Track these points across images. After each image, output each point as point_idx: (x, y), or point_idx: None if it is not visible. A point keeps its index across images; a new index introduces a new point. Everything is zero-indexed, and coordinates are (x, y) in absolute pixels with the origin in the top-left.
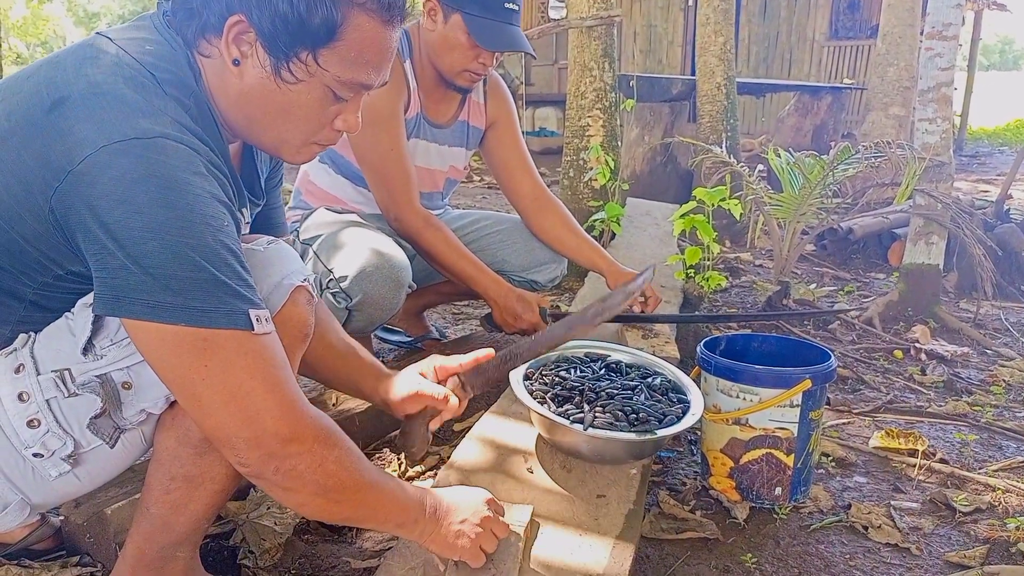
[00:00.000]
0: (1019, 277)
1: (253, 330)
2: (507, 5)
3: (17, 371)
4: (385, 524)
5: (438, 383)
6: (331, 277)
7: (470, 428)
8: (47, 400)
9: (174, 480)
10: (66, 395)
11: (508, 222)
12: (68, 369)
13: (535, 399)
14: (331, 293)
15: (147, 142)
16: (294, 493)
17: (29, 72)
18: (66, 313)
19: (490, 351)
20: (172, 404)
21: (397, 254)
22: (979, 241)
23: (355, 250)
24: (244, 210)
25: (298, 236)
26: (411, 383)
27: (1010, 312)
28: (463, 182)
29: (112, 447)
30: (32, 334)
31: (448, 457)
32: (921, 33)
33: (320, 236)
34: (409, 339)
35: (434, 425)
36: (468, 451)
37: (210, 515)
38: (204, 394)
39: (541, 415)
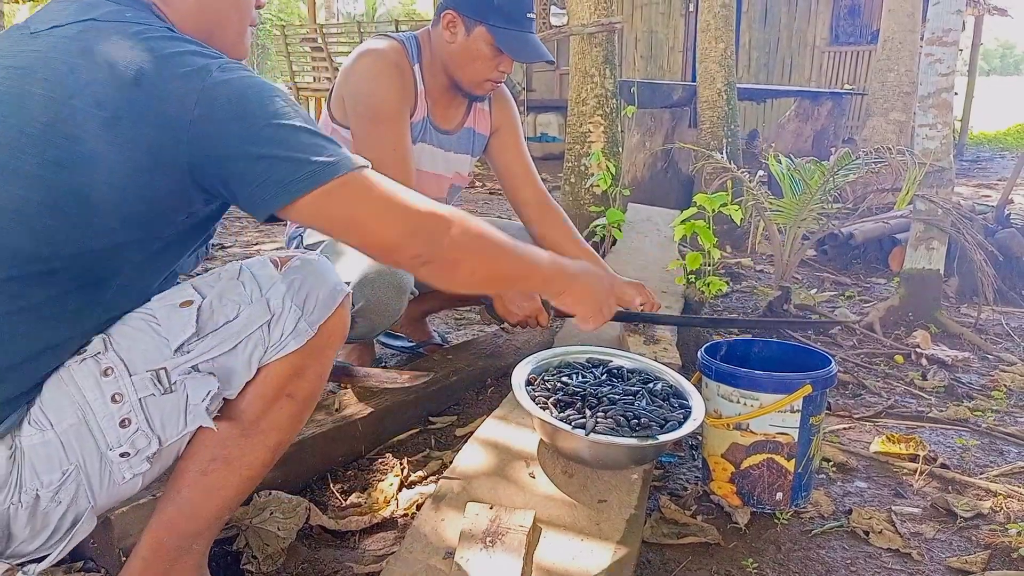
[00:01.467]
0: (1020, 282)
1: (366, 166)
2: (528, 15)
3: (106, 374)
4: (532, 280)
5: None
6: None
7: (472, 433)
8: (140, 399)
9: (215, 461)
10: (162, 392)
11: (513, 229)
12: (164, 368)
13: (537, 404)
14: None
15: (221, 67)
16: (464, 263)
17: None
18: (142, 316)
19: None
20: None
21: None
22: (980, 246)
23: (357, 256)
24: None
25: (301, 242)
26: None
27: (1011, 317)
28: (466, 188)
29: (214, 426)
30: (106, 338)
31: (450, 462)
32: (921, 38)
33: (322, 242)
34: (411, 344)
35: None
36: (470, 456)
37: (235, 504)
38: (368, 220)
39: (543, 420)
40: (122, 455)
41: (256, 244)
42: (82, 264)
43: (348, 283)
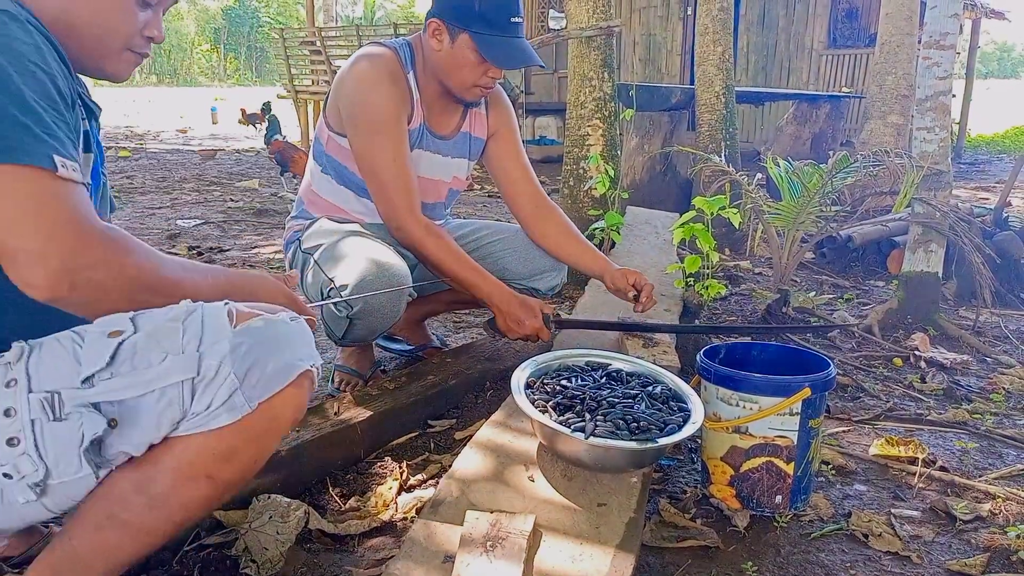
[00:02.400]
0: (1018, 285)
1: (56, 171)
2: (512, 20)
3: (8, 385)
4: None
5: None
6: (332, 286)
7: (471, 436)
8: (32, 419)
9: (111, 520)
10: (50, 419)
11: (508, 231)
12: (59, 392)
13: (536, 408)
14: (332, 304)
15: None
16: (101, 304)
17: None
18: (72, 335)
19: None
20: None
21: (397, 263)
22: (977, 249)
23: (356, 259)
24: (93, 121)
25: (300, 245)
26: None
27: (1009, 320)
28: (464, 191)
29: (96, 479)
30: (25, 348)
31: (449, 466)
32: (919, 42)
33: (321, 245)
34: (410, 348)
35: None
36: (469, 460)
37: (126, 567)
38: (8, 207)
39: (542, 424)
40: (4, 475)
41: (254, 247)
42: None
43: (346, 286)
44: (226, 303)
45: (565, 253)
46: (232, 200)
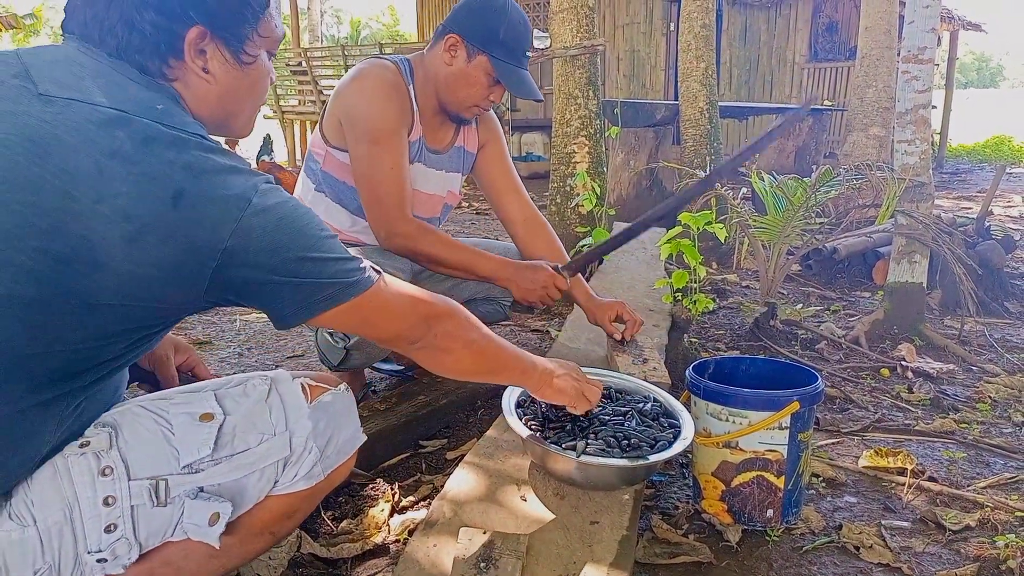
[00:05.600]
0: (1002, 293)
1: (379, 279)
2: (527, 53)
3: (104, 473)
4: (513, 372)
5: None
6: None
7: (463, 456)
8: (133, 506)
9: (167, 567)
10: (154, 504)
11: (498, 248)
12: (166, 479)
13: (527, 427)
14: (327, 332)
15: (260, 195)
16: (451, 352)
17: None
18: (154, 419)
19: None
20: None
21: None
22: (959, 260)
23: None
24: None
25: None
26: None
27: (994, 328)
28: (454, 207)
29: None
30: (113, 431)
31: (441, 486)
32: (898, 55)
33: None
34: (401, 367)
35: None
36: (461, 480)
37: None
38: (379, 324)
39: (534, 443)
40: (99, 560)
41: None
42: (64, 357)
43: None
44: (294, 378)
45: None
46: None
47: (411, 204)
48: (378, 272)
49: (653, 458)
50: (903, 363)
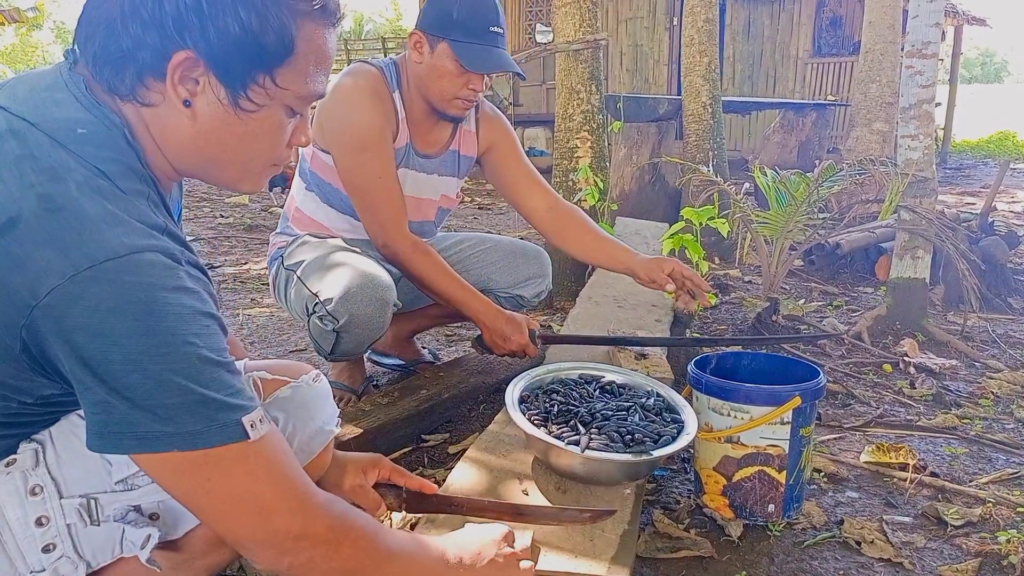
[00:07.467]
0: (1005, 289)
1: (249, 439)
2: (491, 29)
3: (33, 492)
4: None
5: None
6: (316, 301)
7: (465, 451)
8: (68, 524)
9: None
10: (87, 524)
11: (491, 241)
12: (96, 498)
13: (530, 421)
14: (317, 317)
15: (118, 262)
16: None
17: None
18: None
19: (434, 486)
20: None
21: (381, 274)
22: (962, 255)
23: (339, 273)
24: None
25: (283, 262)
26: (357, 478)
27: (997, 324)
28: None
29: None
30: (40, 447)
31: (443, 481)
32: (902, 50)
33: (304, 261)
34: (403, 362)
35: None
36: (463, 474)
37: None
38: (211, 506)
39: (537, 438)
40: None
41: (246, 263)
42: None
43: (331, 299)
44: (247, 371)
45: (590, 255)
46: (222, 216)
47: (405, 214)
48: (262, 433)
49: (657, 453)
50: (905, 359)
